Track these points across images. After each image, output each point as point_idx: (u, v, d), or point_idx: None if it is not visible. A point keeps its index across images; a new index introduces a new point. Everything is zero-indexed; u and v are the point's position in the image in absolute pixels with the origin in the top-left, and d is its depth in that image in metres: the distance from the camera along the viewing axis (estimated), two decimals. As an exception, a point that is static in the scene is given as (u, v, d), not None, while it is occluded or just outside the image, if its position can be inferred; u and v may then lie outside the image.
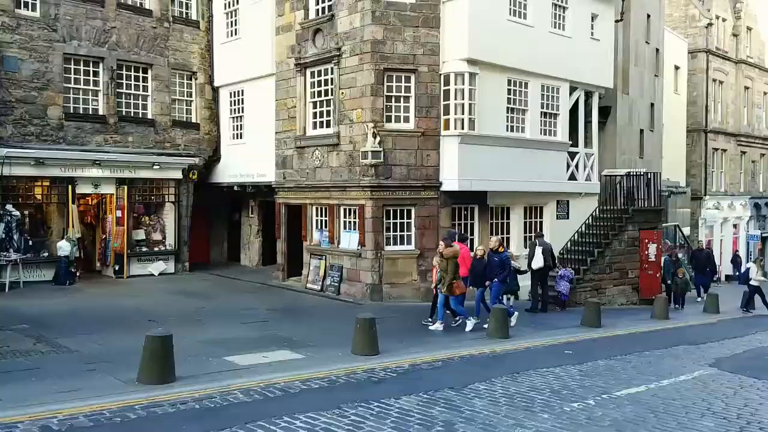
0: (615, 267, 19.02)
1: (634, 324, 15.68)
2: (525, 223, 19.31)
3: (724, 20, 36.97)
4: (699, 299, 20.97)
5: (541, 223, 19.69)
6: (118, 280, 18.74)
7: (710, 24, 35.17)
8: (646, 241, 19.42)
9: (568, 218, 20.15)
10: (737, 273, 33.21)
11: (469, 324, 13.04)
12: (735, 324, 17.14)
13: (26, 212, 17.96)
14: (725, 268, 33.68)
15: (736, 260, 34.68)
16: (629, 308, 18.88)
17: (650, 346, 12.47)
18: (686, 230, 30.18)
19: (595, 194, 20.94)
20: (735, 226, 38.03)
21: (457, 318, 13.37)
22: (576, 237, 19.18)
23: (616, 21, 21.91)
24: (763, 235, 39.32)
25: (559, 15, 19.02)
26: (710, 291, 20.77)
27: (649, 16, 25.39)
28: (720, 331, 15.31)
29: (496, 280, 13.85)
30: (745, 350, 12.77)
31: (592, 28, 20.22)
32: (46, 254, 18.08)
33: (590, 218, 19.62)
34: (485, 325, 12.98)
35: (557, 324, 14.81)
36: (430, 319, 13.49)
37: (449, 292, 12.85)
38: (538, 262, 16.15)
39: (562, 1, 18.98)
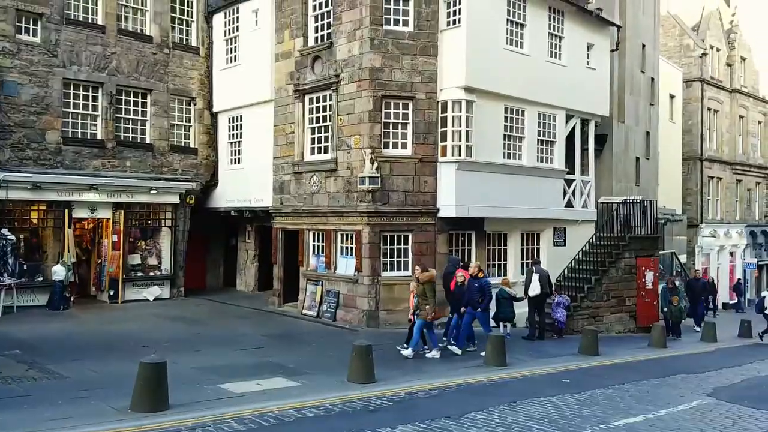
0: (612, 294, 18.97)
1: (632, 352, 15.59)
2: (522, 249, 19.32)
3: (718, 50, 37.46)
4: (696, 329, 20.81)
5: (538, 249, 19.70)
6: (112, 305, 18.61)
7: (704, 54, 35.63)
8: (643, 268, 19.40)
9: (565, 245, 20.15)
10: (740, 301, 33.15)
11: (406, 352, 12.75)
12: (733, 353, 17.05)
13: (22, 236, 17.89)
14: (723, 296, 33.62)
15: (739, 289, 34.55)
16: (627, 336, 18.78)
17: (648, 374, 12.39)
18: (683, 258, 30.17)
19: (591, 221, 20.98)
20: (731, 254, 38.08)
21: (425, 347, 13.14)
22: (573, 264, 19.16)
23: (612, 50, 22.19)
24: (760, 263, 39.35)
25: (556, 44, 19.24)
26: (707, 320, 20.68)
27: (644, 45, 25.70)
28: (718, 360, 15.22)
29: (479, 309, 13.60)
30: (743, 380, 12.69)
31: (588, 57, 20.46)
32: (40, 279, 17.97)
33: (587, 245, 19.61)
34: (482, 352, 12.91)
35: (554, 352, 14.71)
36: (405, 345, 13.12)
37: (431, 318, 12.68)
38: (534, 289, 16.09)
39: (558, 31, 19.22)
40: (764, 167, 41.95)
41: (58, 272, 17.38)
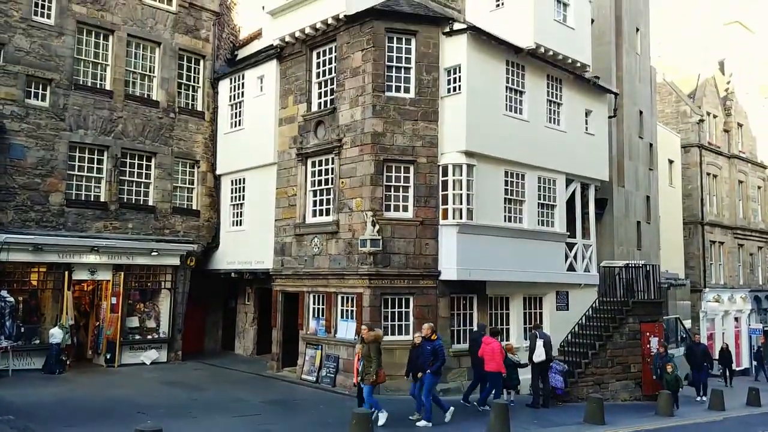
0: (617, 361, 18.61)
1: (639, 421, 15.20)
2: (525, 313, 19.11)
3: (714, 117, 38.12)
4: (698, 399, 20.23)
5: (540, 314, 19.49)
6: (109, 369, 18.30)
7: (701, 120, 36.23)
8: (648, 334, 19.11)
9: (567, 309, 19.95)
10: (763, 368, 32.28)
11: (381, 417, 12.19)
12: (742, 422, 16.61)
13: (21, 298, 17.72)
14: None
15: (758, 356, 33.82)
16: (632, 404, 18.34)
17: (656, 445, 12.04)
18: (687, 323, 29.81)
19: (594, 285, 20.85)
20: (737, 319, 37.63)
21: (372, 410, 12.47)
22: (576, 329, 18.91)
23: (610, 117, 22.59)
24: (766, 328, 38.78)
25: (554, 110, 19.60)
26: (714, 387, 20.20)
27: (641, 112, 26.17)
28: (727, 430, 14.80)
29: (428, 371, 12.79)
30: (755, 451, 12.32)
31: (586, 123, 20.80)
32: (37, 341, 17.71)
33: (590, 310, 19.42)
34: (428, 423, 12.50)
35: (559, 420, 14.35)
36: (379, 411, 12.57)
37: (373, 382, 12.19)
38: (539, 355, 15.82)
39: (556, 98, 19.62)
40: (766, 232, 41.97)
41: (56, 335, 17.16)
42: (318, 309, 17.80)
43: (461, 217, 16.59)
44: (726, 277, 37.04)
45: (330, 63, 18.15)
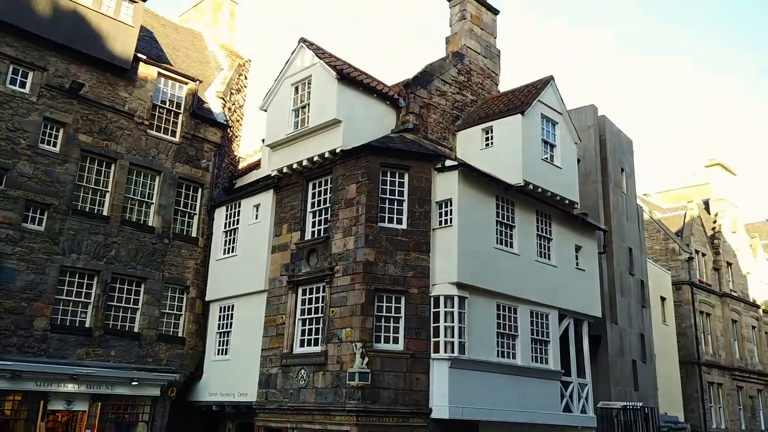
0: None
1: None
2: (520, 458, 18.16)
3: (703, 255, 38.59)
4: None
5: (536, 457, 18.53)
6: None
7: (691, 258, 36.60)
8: (650, 481, 18.12)
9: (566, 455, 18.99)
10: None
11: None
12: None
13: (-11, 428, 16.88)
14: None
15: None
16: None
17: None
18: (691, 470, 28.35)
19: (591, 428, 19.97)
20: (743, 468, 35.90)
21: None
22: (575, 475, 17.93)
23: (600, 253, 22.79)
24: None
25: (544, 245, 19.80)
26: None
27: (630, 249, 26.48)
28: None
29: None
30: None
31: (576, 259, 20.93)
32: (0, 478, 16.64)
33: (589, 454, 18.51)
34: None
35: None
36: None
37: None
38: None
39: (546, 233, 19.90)
40: (764, 374, 41.06)
41: (21, 470, 16.12)
42: (302, 446, 16.90)
43: (453, 351, 16.22)
44: (727, 422, 35.73)
45: (325, 193, 18.58)
